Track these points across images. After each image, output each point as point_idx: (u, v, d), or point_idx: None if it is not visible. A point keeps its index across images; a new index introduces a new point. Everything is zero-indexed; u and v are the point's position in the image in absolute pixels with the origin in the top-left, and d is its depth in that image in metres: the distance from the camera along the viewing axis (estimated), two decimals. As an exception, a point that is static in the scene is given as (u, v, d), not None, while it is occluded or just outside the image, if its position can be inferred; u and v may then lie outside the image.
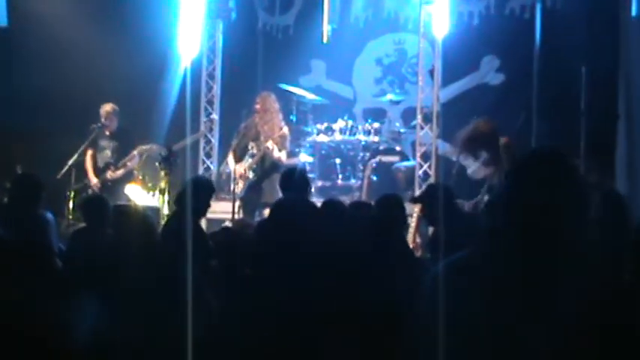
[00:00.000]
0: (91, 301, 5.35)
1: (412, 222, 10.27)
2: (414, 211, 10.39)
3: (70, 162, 11.19)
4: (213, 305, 4.48)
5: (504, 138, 9.04)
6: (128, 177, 11.02)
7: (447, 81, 12.08)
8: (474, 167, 10.23)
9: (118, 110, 11.04)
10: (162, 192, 11.25)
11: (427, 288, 2.60)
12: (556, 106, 10.87)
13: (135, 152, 10.91)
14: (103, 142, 11.09)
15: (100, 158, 11.08)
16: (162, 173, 10.48)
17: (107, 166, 11.00)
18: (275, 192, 9.39)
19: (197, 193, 6.54)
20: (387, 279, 3.90)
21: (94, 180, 10.93)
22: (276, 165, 10.09)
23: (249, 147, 10.20)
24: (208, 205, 6.99)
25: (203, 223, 8.82)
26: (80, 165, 11.32)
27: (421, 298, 2.63)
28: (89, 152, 11.06)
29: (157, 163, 10.69)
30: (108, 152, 11.07)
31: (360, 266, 4.22)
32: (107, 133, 11.03)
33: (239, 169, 10.27)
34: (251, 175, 10.18)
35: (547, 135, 10.78)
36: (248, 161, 10.22)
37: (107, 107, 10.99)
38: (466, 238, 2.74)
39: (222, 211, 10.12)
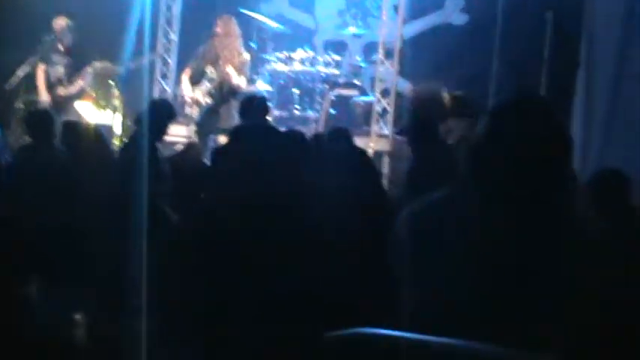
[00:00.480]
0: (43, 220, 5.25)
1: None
2: (369, 146, 10.39)
3: (20, 73, 10.87)
4: (173, 220, 4.40)
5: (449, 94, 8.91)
6: (80, 94, 10.74)
7: (410, 17, 11.96)
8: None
9: (72, 25, 10.70)
10: (115, 110, 11.07)
11: (401, 226, 2.56)
12: (519, 50, 10.82)
13: (88, 69, 10.62)
14: (56, 58, 10.71)
15: (52, 74, 10.74)
16: (117, 92, 10.29)
17: (59, 82, 10.68)
18: (232, 118, 9.26)
19: (156, 116, 6.39)
20: (355, 212, 3.80)
21: (44, 95, 10.60)
22: (234, 91, 9.89)
23: (208, 71, 9.98)
24: (167, 128, 6.85)
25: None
26: (31, 77, 11.02)
27: (395, 236, 2.57)
28: (41, 67, 10.69)
29: (110, 81, 10.49)
30: (60, 68, 10.73)
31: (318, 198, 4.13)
32: (60, 48, 10.69)
33: (194, 93, 10.06)
34: (208, 100, 9.97)
35: (507, 79, 10.75)
36: (206, 85, 10.01)
37: (61, 21, 10.64)
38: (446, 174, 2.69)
39: (176, 134, 9.94)
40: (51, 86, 10.64)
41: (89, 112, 10.73)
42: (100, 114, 10.88)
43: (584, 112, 10.36)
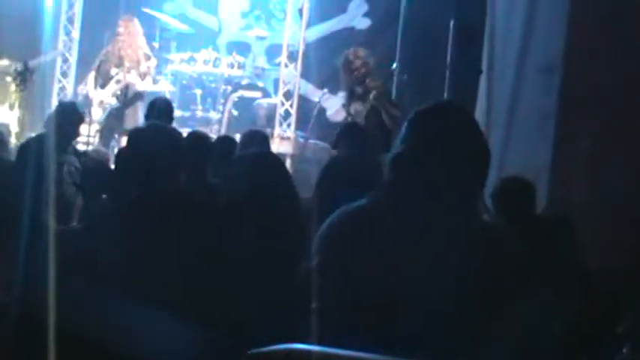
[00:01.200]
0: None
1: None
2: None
3: None
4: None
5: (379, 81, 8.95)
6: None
7: (314, 21, 12.09)
8: (334, 109, 10.30)
9: None
10: (11, 107, 10.85)
11: (323, 236, 2.56)
12: (420, 57, 11.02)
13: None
14: None
15: None
16: (14, 88, 10.08)
17: None
18: (137, 119, 9.25)
19: (66, 120, 6.35)
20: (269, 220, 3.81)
21: None
22: (139, 93, 9.89)
23: (113, 73, 9.94)
24: (76, 133, 6.82)
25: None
26: None
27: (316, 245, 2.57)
28: None
29: (8, 78, 10.28)
30: None
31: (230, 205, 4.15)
32: None
33: (100, 95, 9.99)
34: (114, 101, 9.92)
35: (409, 86, 10.95)
36: (112, 87, 9.95)
37: None
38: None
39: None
40: None
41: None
42: (-1, 112, 10.65)
43: (486, 119, 10.64)
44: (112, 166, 5.95)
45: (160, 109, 7.17)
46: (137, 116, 9.41)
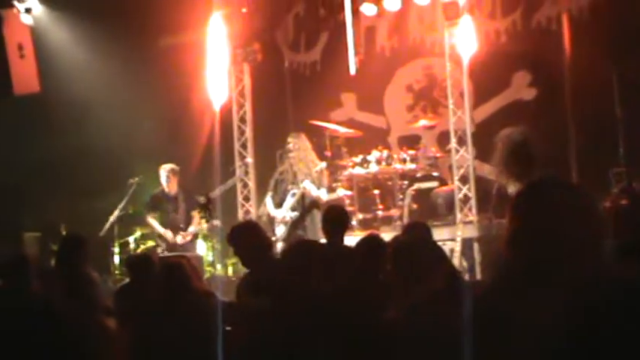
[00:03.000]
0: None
1: (457, 245, 10.22)
2: (457, 234, 10.35)
3: (112, 218, 11.29)
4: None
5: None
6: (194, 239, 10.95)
7: (479, 101, 12.04)
8: (514, 186, 10.09)
9: (176, 169, 11.00)
10: (204, 239, 11.32)
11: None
12: (590, 116, 10.76)
13: (195, 214, 10.75)
14: (167, 206, 10.95)
15: (166, 222, 10.92)
16: (202, 220, 10.49)
17: (177, 230, 10.84)
18: (317, 230, 9.38)
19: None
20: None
21: (169, 236, 10.76)
22: (315, 202, 10.09)
23: (289, 188, 10.22)
24: None
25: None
26: (121, 219, 11.42)
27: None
28: (150, 219, 10.92)
29: (193, 212, 10.72)
30: (174, 215, 10.96)
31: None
32: (170, 194, 10.92)
33: (279, 214, 10.27)
34: (293, 214, 10.18)
35: (585, 147, 10.70)
36: (290, 201, 10.22)
37: (167, 168, 10.87)
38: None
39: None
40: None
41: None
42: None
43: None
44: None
45: (333, 217, 7.26)
46: (316, 227, 9.57)
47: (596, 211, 2.53)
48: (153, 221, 10.83)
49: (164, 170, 10.85)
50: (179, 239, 10.66)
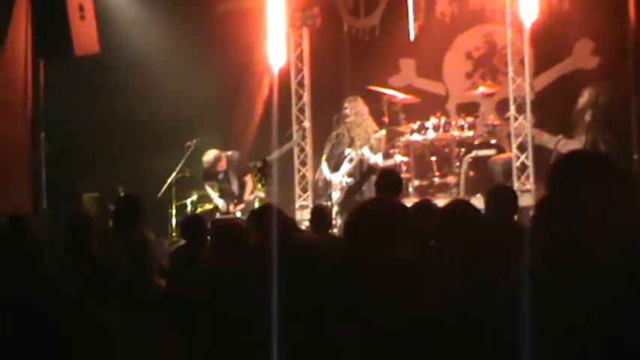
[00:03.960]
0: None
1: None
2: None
3: (169, 180, 11.43)
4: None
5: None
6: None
7: (539, 69, 11.87)
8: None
9: (220, 154, 11.16)
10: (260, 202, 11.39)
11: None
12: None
13: (248, 180, 10.94)
14: (219, 177, 11.29)
15: (220, 192, 11.21)
16: (259, 185, 10.56)
17: (231, 199, 11.10)
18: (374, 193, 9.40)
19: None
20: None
21: (221, 205, 11.03)
22: (373, 168, 10.08)
23: (346, 153, 10.22)
24: None
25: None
26: (179, 182, 11.55)
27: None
28: (207, 187, 11.25)
29: (251, 175, 10.81)
30: (227, 185, 11.17)
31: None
32: (219, 171, 11.16)
33: (335, 179, 10.28)
34: (350, 180, 10.19)
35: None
36: (346, 167, 10.22)
37: (210, 157, 11.12)
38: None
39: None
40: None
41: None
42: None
43: None
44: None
45: (389, 181, 7.26)
46: (373, 192, 9.56)
47: (635, 181, 2.50)
48: (208, 189, 11.11)
49: (207, 160, 11.03)
50: (231, 208, 10.88)
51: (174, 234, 11.28)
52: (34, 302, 4.29)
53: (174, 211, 11.56)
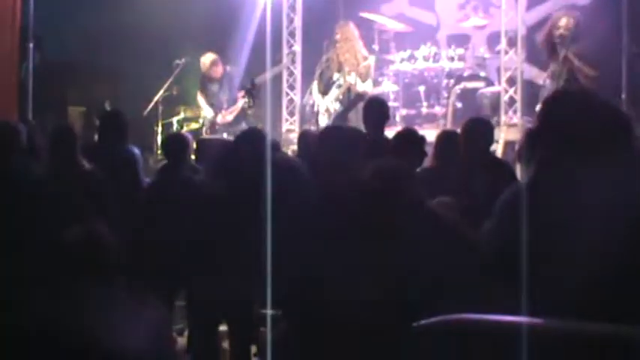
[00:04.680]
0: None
1: (499, 148, 10.20)
2: (500, 136, 10.29)
3: (156, 98, 11.38)
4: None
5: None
6: (238, 119, 11.04)
7: (532, 3, 11.79)
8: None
9: (217, 59, 11.09)
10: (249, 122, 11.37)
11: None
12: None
13: (240, 96, 10.90)
14: (212, 87, 11.22)
15: (211, 103, 11.17)
16: (246, 105, 10.53)
17: (219, 110, 11.08)
18: (361, 124, 9.38)
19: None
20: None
21: (209, 112, 11.05)
22: (361, 96, 10.04)
23: (335, 78, 10.18)
24: None
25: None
26: (166, 100, 11.51)
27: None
28: (199, 93, 11.20)
29: (238, 94, 10.79)
30: (218, 96, 11.15)
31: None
32: (214, 77, 11.11)
33: (324, 102, 10.25)
34: (337, 106, 10.16)
35: (638, 55, 10.47)
36: (334, 92, 10.19)
37: (207, 60, 11.04)
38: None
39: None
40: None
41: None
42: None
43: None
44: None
45: (374, 109, 7.28)
46: (360, 120, 9.55)
47: (620, 113, 2.59)
48: (200, 98, 11.12)
49: (204, 62, 10.99)
50: (219, 118, 10.90)
51: (159, 152, 11.27)
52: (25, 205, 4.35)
53: (159, 129, 11.53)
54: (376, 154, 4.92)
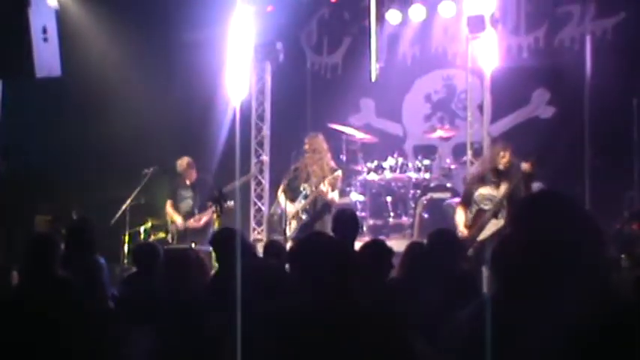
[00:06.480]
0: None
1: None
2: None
3: (124, 207, 11.34)
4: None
5: (527, 163, 8.76)
6: (207, 228, 11.00)
7: (497, 115, 12.03)
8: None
9: (193, 163, 11.12)
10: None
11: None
12: (608, 138, 10.76)
13: (209, 205, 10.87)
14: (184, 192, 11.19)
15: (181, 207, 11.14)
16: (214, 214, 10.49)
17: (189, 215, 11.05)
18: (327, 231, 9.38)
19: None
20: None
21: (179, 221, 10.97)
22: (328, 206, 10.06)
23: (302, 188, 10.21)
24: None
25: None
26: (134, 209, 11.46)
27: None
28: (169, 202, 11.15)
29: (209, 202, 10.76)
30: (189, 202, 11.12)
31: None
32: (187, 183, 11.10)
33: (292, 209, 10.27)
34: (304, 216, 10.16)
35: (601, 169, 10.70)
36: (301, 202, 10.21)
37: (184, 161, 11.08)
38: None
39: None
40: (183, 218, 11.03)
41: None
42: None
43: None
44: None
45: (346, 221, 7.29)
46: (327, 230, 9.55)
47: (594, 223, 2.57)
48: (169, 208, 11.07)
49: (181, 163, 11.01)
50: (191, 222, 10.85)
51: (125, 261, 11.18)
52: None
53: (126, 238, 11.45)
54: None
